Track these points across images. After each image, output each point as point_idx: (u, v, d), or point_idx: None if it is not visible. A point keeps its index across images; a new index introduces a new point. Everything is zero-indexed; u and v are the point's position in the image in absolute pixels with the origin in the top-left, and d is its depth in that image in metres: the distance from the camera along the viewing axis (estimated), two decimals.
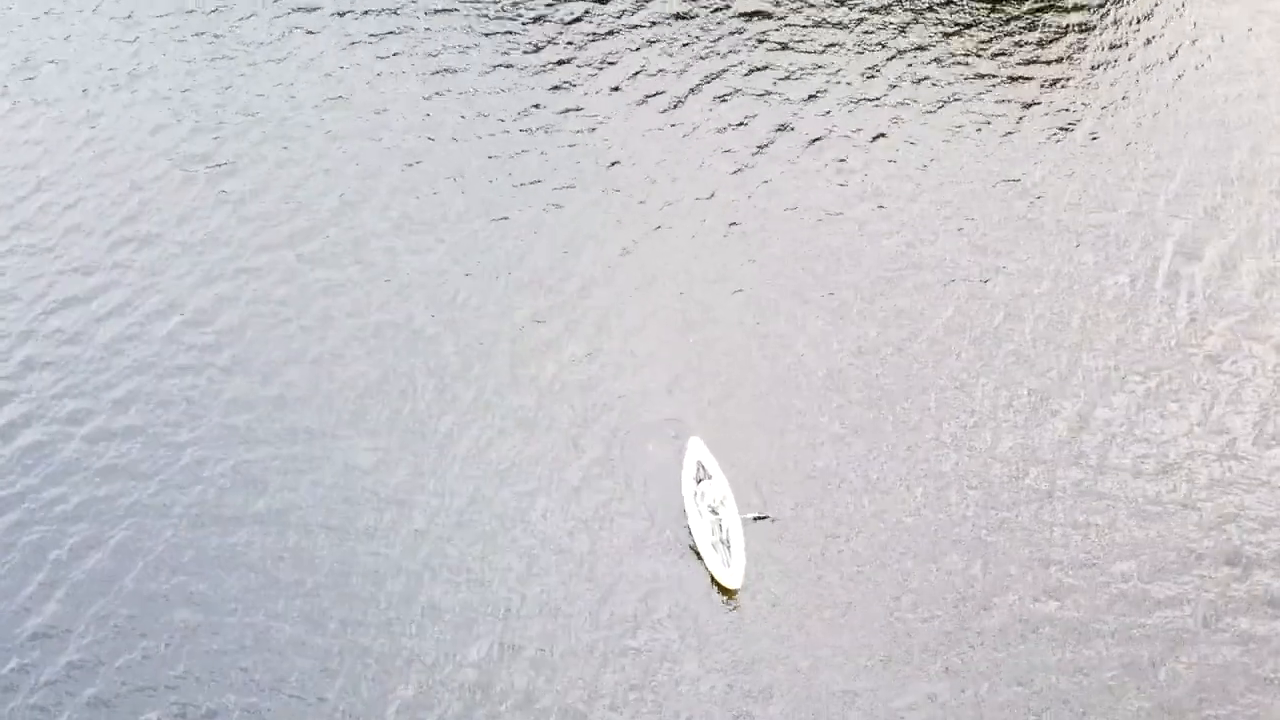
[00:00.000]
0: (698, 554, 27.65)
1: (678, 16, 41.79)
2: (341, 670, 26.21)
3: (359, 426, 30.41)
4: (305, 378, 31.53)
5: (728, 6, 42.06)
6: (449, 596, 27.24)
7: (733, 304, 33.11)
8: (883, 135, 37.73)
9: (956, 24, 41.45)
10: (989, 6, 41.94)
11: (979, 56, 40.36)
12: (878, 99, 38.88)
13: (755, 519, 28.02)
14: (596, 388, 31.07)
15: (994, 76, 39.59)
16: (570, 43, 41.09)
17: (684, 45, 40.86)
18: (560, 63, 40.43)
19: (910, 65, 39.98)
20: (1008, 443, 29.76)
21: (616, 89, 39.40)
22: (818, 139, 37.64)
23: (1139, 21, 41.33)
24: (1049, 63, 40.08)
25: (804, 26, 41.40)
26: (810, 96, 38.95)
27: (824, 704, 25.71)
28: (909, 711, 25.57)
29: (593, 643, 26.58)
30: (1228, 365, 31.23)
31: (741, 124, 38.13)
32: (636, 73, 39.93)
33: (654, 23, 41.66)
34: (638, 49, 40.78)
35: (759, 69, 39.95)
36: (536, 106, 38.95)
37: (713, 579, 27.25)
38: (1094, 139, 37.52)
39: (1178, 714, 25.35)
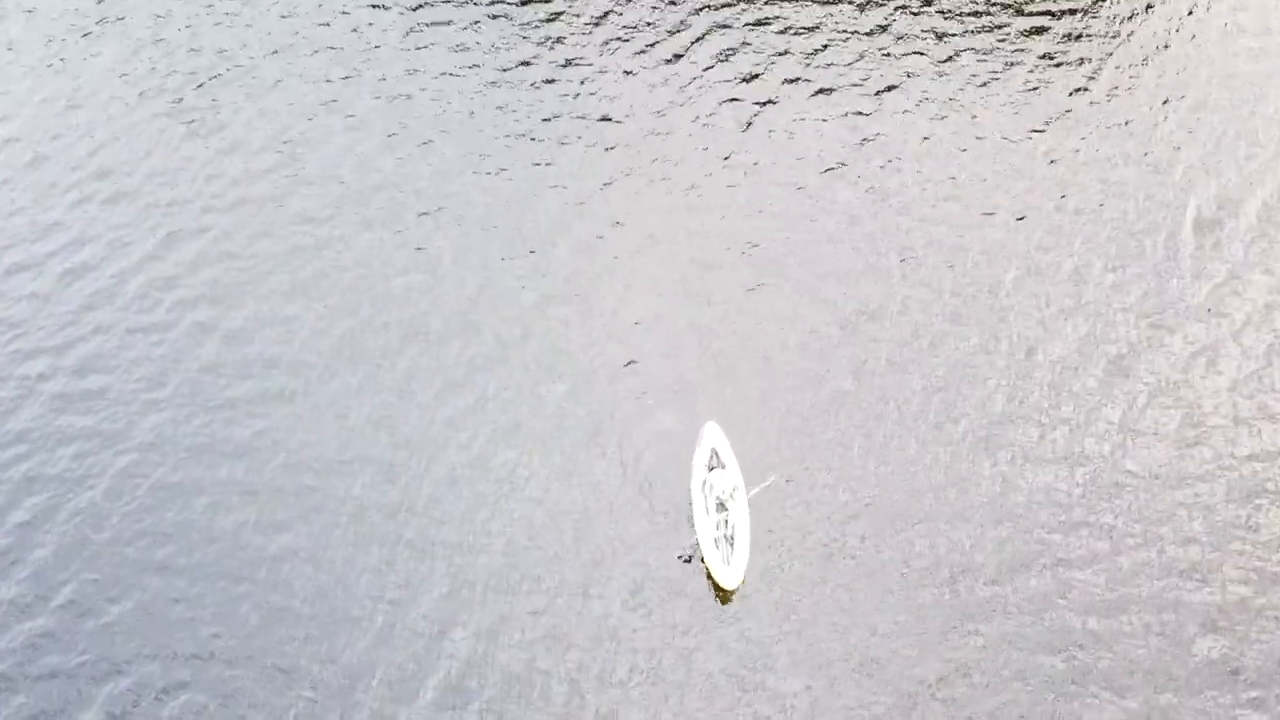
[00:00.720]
0: (698, 547, 26.21)
1: None
2: (312, 636, 25.19)
3: (331, 384, 29.43)
4: (276, 331, 30.58)
5: None
6: (425, 563, 26.25)
7: (735, 260, 31.96)
8: (894, 86, 36.74)
9: None
10: None
11: (994, 5, 38.98)
12: (887, 49, 37.87)
13: (764, 488, 26.57)
14: (589, 350, 29.87)
15: (1009, 28, 38.53)
16: None
17: None
18: (553, 9, 39.29)
19: (921, 15, 38.85)
20: (1024, 400, 28.65)
21: (611, 36, 38.39)
22: (825, 90, 36.62)
23: None
24: (1067, 14, 38.77)
25: None
26: (818, 47, 37.91)
27: (842, 672, 24.51)
28: (935, 680, 24.35)
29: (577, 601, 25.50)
30: (1254, 323, 30.06)
31: (744, 74, 37.12)
32: (633, 21, 38.82)
33: None
34: None
35: (762, 18, 38.71)
36: (528, 50, 38.02)
37: (709, 576, 25.67)
38: (1114, 93, 36.39)
39: (1210, 682, 24.15)
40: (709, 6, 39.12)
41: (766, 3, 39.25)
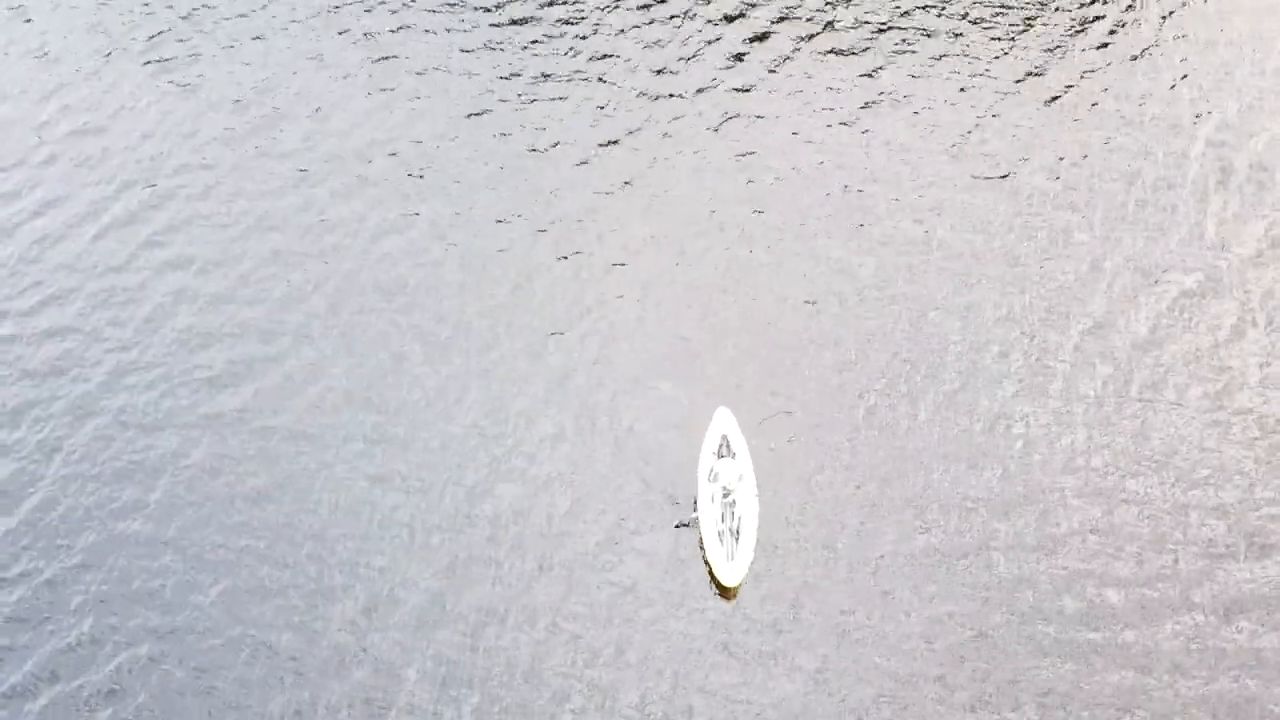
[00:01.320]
0: (700, 541, 25.39)
1: None
2: (290, 607, 24.53)
3: (312, 347, 28.87)
4: (254, 292, 30.07)
5: None
6: (401, 511, 25.71)
7: (729, 210, 31.44)
8: (893, 27, 36.35)
9: None
10: None
11: None
12: None
13: (769, 419, 26.16)
14: (584, 312, 29.25)
15: None
16: None
17: None
18: None
19: None
20: (1026, 354, 28.18)
21: None
22: (821, 31, 36.21)
23: None
24: None
25: None
26: None
27: (852, 646, 23.97)
28: (932, 624, 23.85)
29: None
30: (1267, 267, 29.57)
31: (745, 25, 36.65)
32: None
33: None
34: None
35: None
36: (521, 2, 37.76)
37: (710, 571, 24.76)
38: (1119, 31, 35.91)
39: (1219, 639, 23.60)
40: None
41: None
